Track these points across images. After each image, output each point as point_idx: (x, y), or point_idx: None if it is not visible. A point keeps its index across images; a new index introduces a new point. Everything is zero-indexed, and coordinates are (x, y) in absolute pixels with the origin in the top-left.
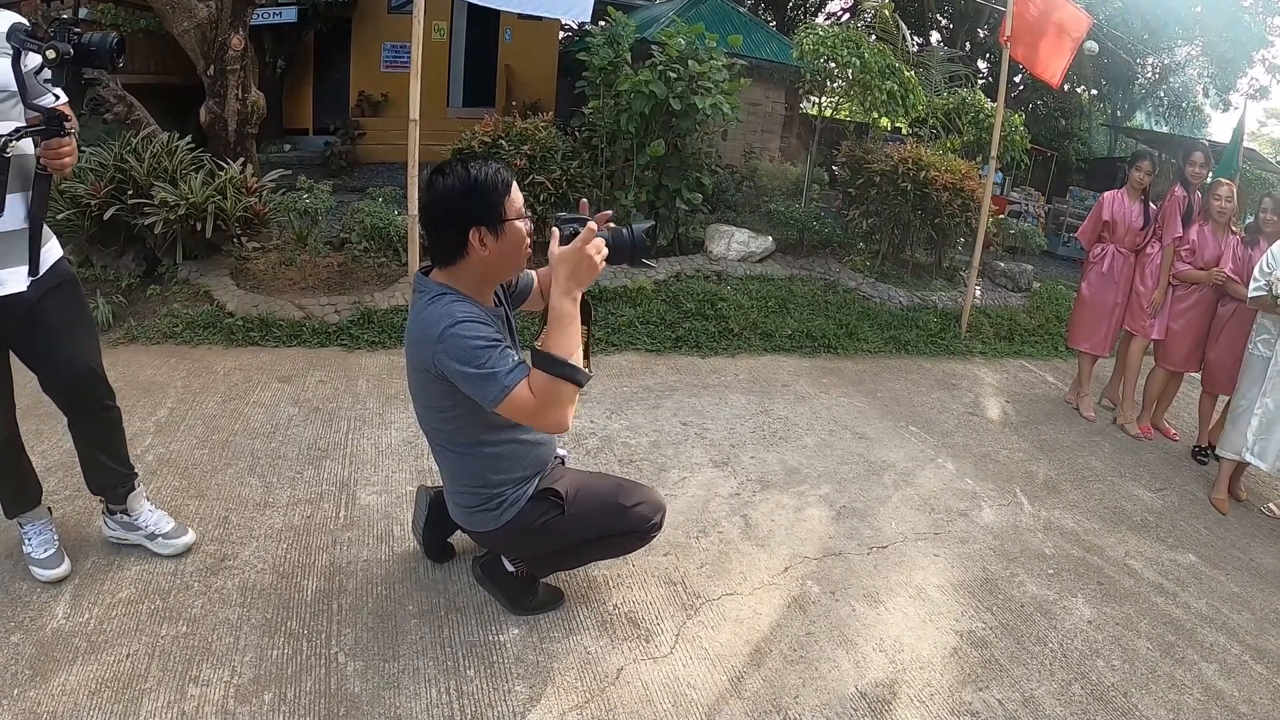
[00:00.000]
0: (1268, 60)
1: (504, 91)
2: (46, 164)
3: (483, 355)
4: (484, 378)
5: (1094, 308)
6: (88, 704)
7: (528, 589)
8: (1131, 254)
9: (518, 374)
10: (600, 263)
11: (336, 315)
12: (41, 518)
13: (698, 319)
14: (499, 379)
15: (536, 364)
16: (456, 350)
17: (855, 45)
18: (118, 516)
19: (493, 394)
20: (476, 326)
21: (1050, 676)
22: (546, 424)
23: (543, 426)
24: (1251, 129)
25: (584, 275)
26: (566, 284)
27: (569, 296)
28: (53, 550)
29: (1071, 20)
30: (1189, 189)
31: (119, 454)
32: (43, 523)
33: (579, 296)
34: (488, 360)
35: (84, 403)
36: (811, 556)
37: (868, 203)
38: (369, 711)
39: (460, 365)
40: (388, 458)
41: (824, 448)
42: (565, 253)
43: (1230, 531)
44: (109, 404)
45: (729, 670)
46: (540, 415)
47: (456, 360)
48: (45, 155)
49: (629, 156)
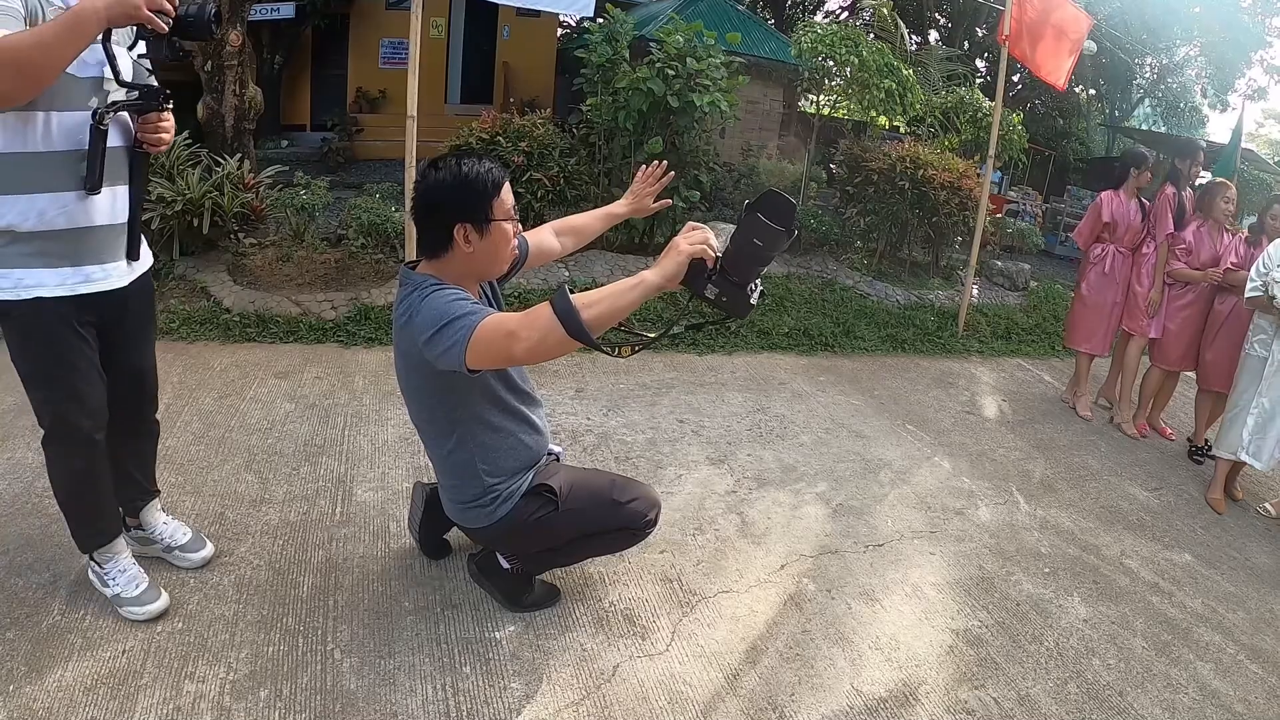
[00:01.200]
0: (1266, 61)
1: (502, 88)
2: (144, 140)
3: (454, 308)
4: (454, 320)
5: (1093, 308)
6: (83, 700)
7: (523, 586)
8: (1130, 253)
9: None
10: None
11: (333, 311)
12: (122, 551)
13: (695, 316)
14: (469, 317)
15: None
16: (428, 313)
17: (854, 43)
18: (131, 532)
19: (463, 331)
20: (452, 291)
21: (1046, 675)
22: (517, 349)
23: (512, 350)
24: (1249, 129)
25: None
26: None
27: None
28: (145, 584)
29: (1072, 21)
30: (1179, 187)
31: (148, 469)
32: (125, 557)
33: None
34: (458, 310)
35: (138, 408)
36: (808, 554)
37: (865, 201)
38: (365, 708)
39: (430, 327)
40: (384, 454)
41: (821, 446)
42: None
43: (1226, 531)
44: (155, 416)
45: (725, 668)
46: (512, 338)
47: (430, 323)
48: (143, 131)
49: (627, 153)
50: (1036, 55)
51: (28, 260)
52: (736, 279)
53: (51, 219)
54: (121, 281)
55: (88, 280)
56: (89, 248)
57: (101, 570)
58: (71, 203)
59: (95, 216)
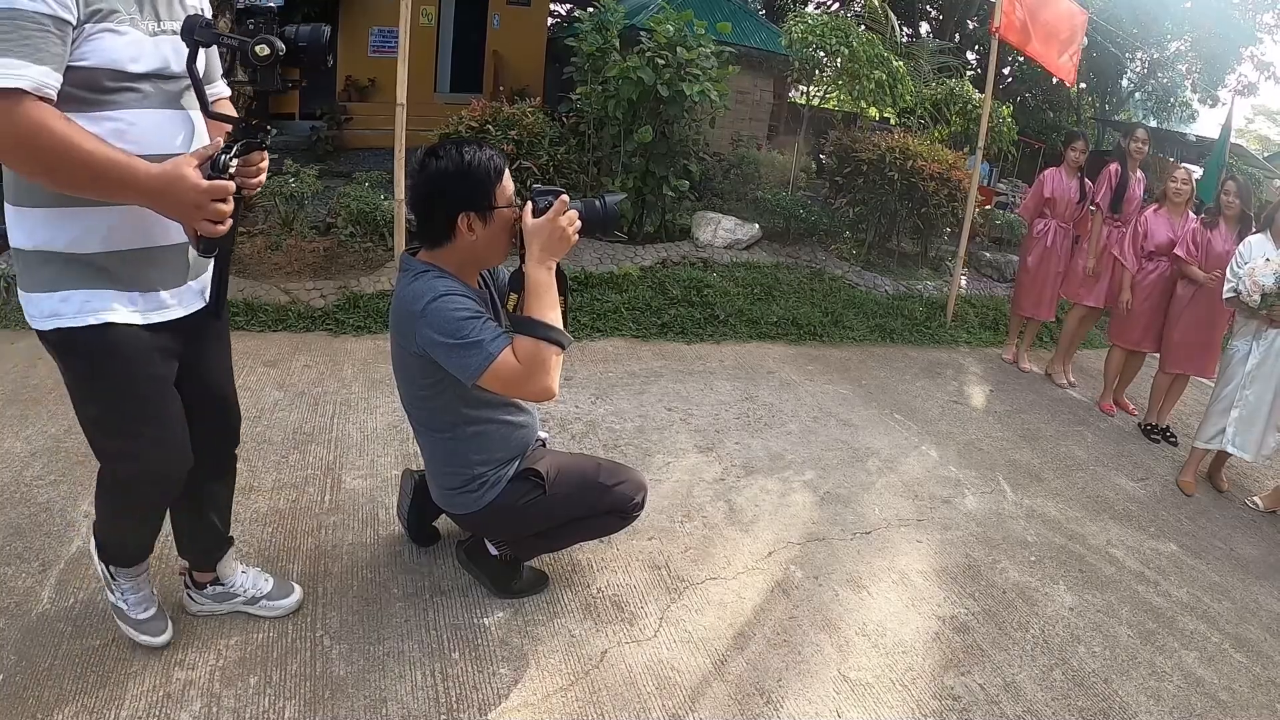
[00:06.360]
0: (1256, 57)
1: (491, 77)
2: (242, 184)
3: (466, 326)
4: (467, 347)
5: (1037, 277)
6: (73, 688)
7: (511, 572)
8: (1070, 226)
9: (501, 342)
10: (574, 235)
11: (322, 300)
12: (142, 573)
13: (683, 305)
14: (483, 346)
15: (518, 329)
16: (439, 323)
17: (844, 34)
18: (207, 589)
19: (476, 363)
20: (459, 299)
21: (1032, 662)
22: (534, 390)
23: (530, 393)
24: (1238, 125)
25: (557, 247)
26: (540, 255)
27: (543, 267)
28: (154, 610)
29: (1066, 16)
30: (1126, 166)
31: (226, 514)
32: (143, 577)
33: (554, 266)
34: (471, 330)
35: (222, 444)
36: (795, 541)
37: (855, 191)
38: (354, 694)
39: (442, 337)
40: (373, 442)
41: (808, 434)
42: (538, 224)
43: (1212, 522)
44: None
45: (713, 653)
46: (527, 381)
47: (438, 332)
48: (242, 173)
49: (616, 143)
50: (1042, 47)
51: (93, 279)
52: None
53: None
54: (196, 304)
55: (161, 307)
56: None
57: (115, 582)
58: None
59: (172, 232)
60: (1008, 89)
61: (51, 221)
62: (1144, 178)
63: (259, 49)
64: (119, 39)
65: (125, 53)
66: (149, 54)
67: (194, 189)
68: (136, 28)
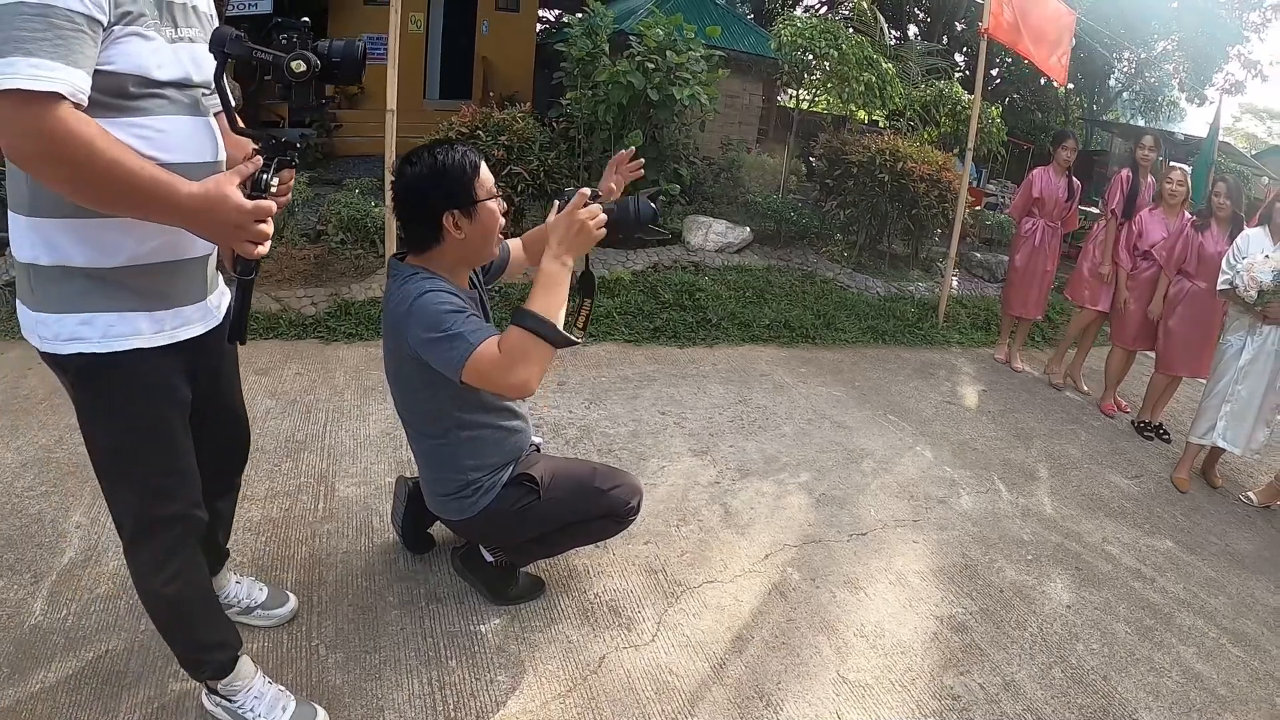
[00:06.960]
0: (1243, 55)
1: (481, 83)
2: None
3: (448, 320)
4: (450, 339)
5: (1026, 276)
6: (66, 701)
7: (507, 579)
8: (1059, 225)
9: (484, 333)
10: (596, 231)
11: (313, 307)
12: (251, 671)
13: (676, 309)
14: (465, 338)
15: (514, 319)
16: (424, 317)
17: (833, 37)
18: None
19: (459, 354)
20: (444, 295)
21: (1030, 660)
22: (513, 382)
23: (508, 386)
24: (1226, 124)
25: (575, 242)
26: (557, 249)
27: (558, 261)
28: (292, 703)
29: (1053, 17)
30: (1137, 172)
31: (228, 528)
32: (257, 677)
33: (569, 263)
34: (454, 324)
35: (232, 463)
36: (791, 544)
37: (845, 194)
38: (351, 703)
39: (426, 332)
40: (366, 449)
41: (803, 436)
42: (557, 218)
43: (1206, 518)
44: None
45: (711, 657)
46: (506, 372)
47: (423, 328)
48: None
49: (607, 147)
50: (1033, 46)
51: (116, 299)
52: None
53: (152, 249)
54: (216, 319)
55: (186, 323)
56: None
57: (232, 704)
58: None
59: (198, 244)
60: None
61: (74, 233)
62: (1154, 183)
63: (295, 64)
64: (146, 44)
65: (151, 59)
66: (170, 61)
67: (238, 209)
68: (160, 34)
